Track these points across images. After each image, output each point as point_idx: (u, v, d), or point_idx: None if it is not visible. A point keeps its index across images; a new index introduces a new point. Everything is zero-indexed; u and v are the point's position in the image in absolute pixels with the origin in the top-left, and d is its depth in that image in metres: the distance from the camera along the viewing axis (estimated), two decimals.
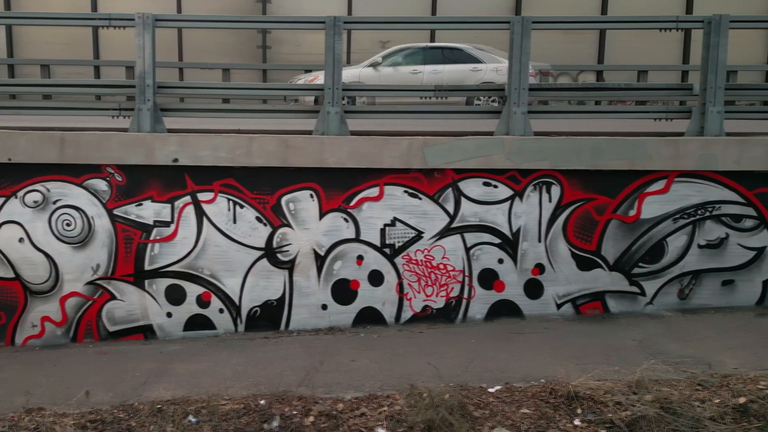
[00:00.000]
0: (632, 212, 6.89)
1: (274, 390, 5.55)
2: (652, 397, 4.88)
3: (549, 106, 7.30)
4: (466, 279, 7.07)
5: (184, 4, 18.00)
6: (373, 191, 6.97)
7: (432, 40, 17.65)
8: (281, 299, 7.13)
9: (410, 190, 6.97)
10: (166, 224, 6.97)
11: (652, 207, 6.87)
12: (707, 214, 6.88)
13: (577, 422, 4.83)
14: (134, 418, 5.15)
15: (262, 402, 5.30)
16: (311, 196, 6.99)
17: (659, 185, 6.83)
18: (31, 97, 10.17)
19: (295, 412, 5.14)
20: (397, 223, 7.01)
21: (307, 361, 6.30)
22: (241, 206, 6.98)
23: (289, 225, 7.02)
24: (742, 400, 4.77)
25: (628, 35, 16.47)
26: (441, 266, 7.06)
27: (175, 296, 7.07)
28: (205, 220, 6.98)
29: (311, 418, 5.06)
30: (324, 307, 7.15)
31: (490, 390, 5.36)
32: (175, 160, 6.81)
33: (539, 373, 5.56)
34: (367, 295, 7.12)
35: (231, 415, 5.11)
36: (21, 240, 6.97)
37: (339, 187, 6.96)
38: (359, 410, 5.16)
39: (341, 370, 6.03)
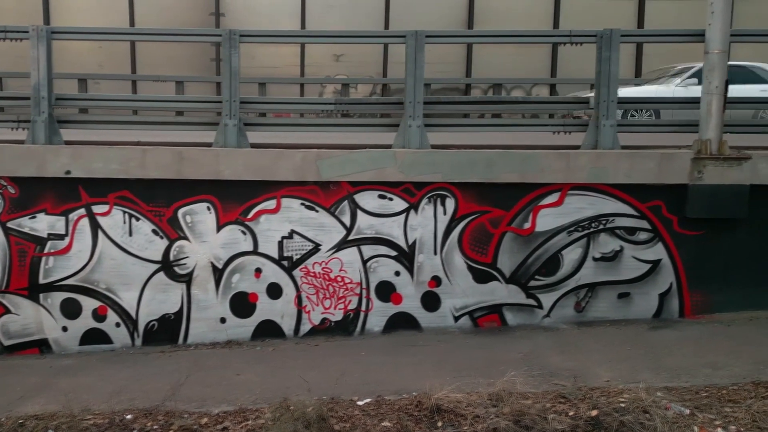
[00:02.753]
0: (527, 225, 6.91)
1: (148, 404, 5.48)
2: (510, 409, 4.86)
3: (445, 119, 7.31)
4: (364, 291, 7.05)
5: (137, 18, 18.05)
6: (271, 204, 6.95)
7: (386, 52, 17.81)
8: (179, 313, 7.07)
9: (307, 203, 6.95)
10: (61, 237, 6.91)
11: (546, 220, 6.89)
12: (601, 226, 6.90)
13: None
14: None
15: (129, 417, 5.24)
16: (208, 208, 6.96)
17: (553, 198, 6.86)
18: None
19: (156, 427, 5.09)
20: (295, 236, 6.99)
21: (194, 375, 6.24)
22: (137, 219, 6.94)
23: (186, 238, 6.98)
24: (594, 412, 4.77)
25: (580, 49, 16.66)
26: (339, 279, 7.04)
27: (71, 310, 7.00)
28: (100, 233, 6.93)
29: None
30: (222, 320, 7.10)
31: (359, 403, 5.33)
32: (68, 172, 6.76)
33: (414, 386, 5.51)
34: (266, 308, 7.09)
35: (91, 431, 5.06)
36: None
37: (236, 199, 6.93)
38: (222, 424, 5.11)
39: (223, 384, 5.97)
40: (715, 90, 6.67)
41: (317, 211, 6.97)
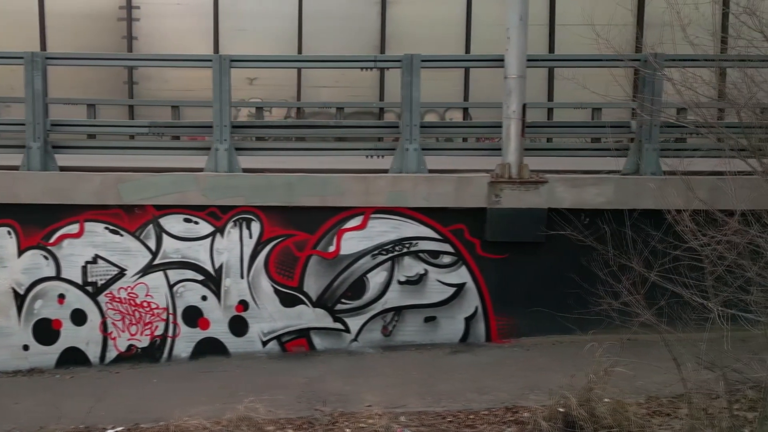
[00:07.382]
0: (332, 248, 6.87)
1: None
2: None
3: (254, 143, 7.30)
4: (171, 317, 6.94)
5: (49, 43, 17.91)
6: (73, 228, 6.85)
7: (299, 76, 17.87)
8: None
9: (111, 227, 6.86)
10: None
11: (350, 243, 6.86)
12: (405, 250, 6.88)
13: None
14: None
15: None
16: (9, 233, 6.83)
17: (356, 221, 6.83)
18: None
19: None
20: (99, 261, 6.88)
21: None
22: None
23: None
24: None
25: (490, 75, 16.81)
26: (145, 304, 6.93)
27: None
28: None
29: None
30: (26, 347, 6.95)
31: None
32: None
33: (173, 414, 5.39)
34: (70, 335, 6.94)
35: None
36: None
37: (38, 223, 6.82)
38: None
39: None
40: (513, 114, 6.73)
41: (122, 236, 6.88)
